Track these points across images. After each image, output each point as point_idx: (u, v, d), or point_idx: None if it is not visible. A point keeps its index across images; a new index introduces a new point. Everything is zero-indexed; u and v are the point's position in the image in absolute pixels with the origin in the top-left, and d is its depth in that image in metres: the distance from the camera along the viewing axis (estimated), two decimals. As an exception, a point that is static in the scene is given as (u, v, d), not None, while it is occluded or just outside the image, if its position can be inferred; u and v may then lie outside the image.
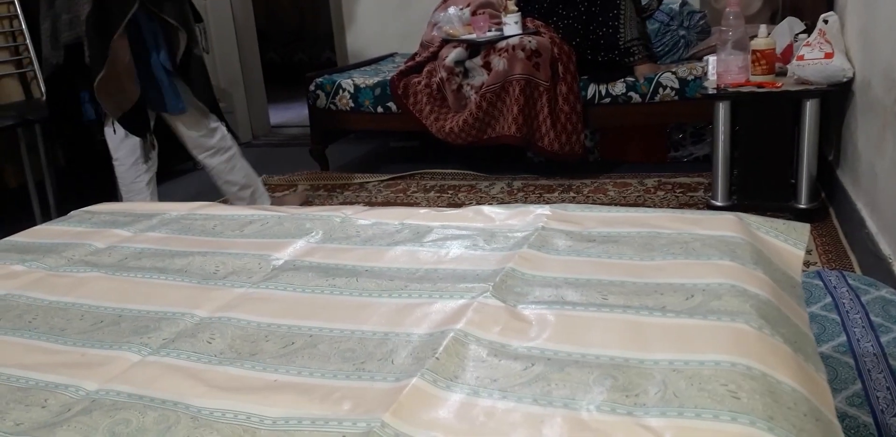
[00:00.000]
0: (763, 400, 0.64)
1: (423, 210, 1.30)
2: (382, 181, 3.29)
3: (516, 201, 2.88)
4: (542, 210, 1.21)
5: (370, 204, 2.92)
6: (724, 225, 1.06)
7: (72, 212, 1.44)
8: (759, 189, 2.45)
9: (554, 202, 2.62)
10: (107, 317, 0.97)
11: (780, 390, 0.67)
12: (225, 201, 2.68)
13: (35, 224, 1.52)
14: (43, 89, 3.07)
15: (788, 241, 1.05)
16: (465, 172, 3.33)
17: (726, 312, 0.80)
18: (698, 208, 2.49)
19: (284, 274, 1.05)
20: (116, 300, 1.01)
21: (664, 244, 1.02)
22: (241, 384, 0.78)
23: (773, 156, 2.42)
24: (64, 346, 0.90)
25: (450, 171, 3.36)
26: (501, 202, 2.86)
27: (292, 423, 0.70)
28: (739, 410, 0.63)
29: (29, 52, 3.07)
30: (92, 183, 3.12)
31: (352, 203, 2.95)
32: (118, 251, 1.20)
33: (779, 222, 1.09)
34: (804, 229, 1.08)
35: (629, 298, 0.87)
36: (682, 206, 2.67)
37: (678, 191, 2.83)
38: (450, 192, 3.08)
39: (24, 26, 3.07)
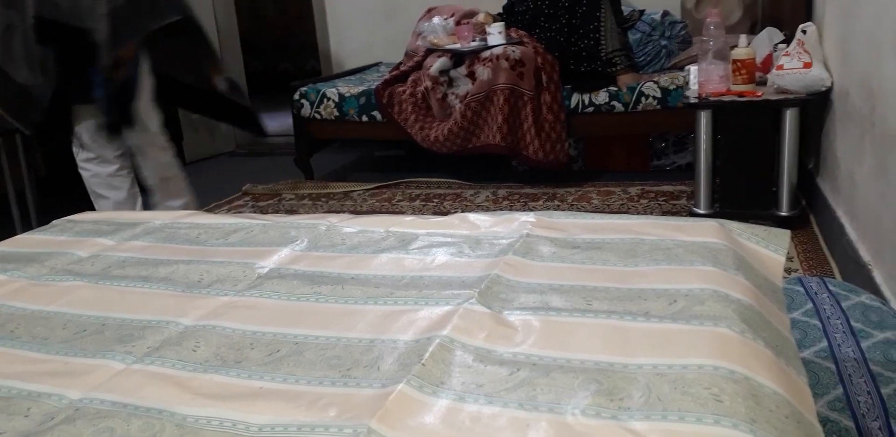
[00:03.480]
0: (745, 403, 0.65)
1: (408, 218, 1.30)
2: (367, 190, 3.29)
3: (501, 210, 2.89)
4: (527, 217, 1.22)
5: (355, 213, 2.92)
6: (706, 231, 1.07)
7: (54, 221, 1.42)
8: (741, 197, 2.48)
9: (538, 210, 2.63)
10: (90, 326, 0.96)
11: (762, 393, 0.68)
12: (210, 210, 2.67)
13: (15, 233, 1.51)
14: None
15: (769, 247, 1.07)
16: (450, 180, 3.34)
17: (709, 317, 0.81)
18: (681, 216, 2.52)
19: (269, 282, 1.05)
20: (100, 309, 1.01)
21: (647, 251, 1.03)
22: (226, 392, 0.78)
23: (754, 164, 2.45)
24: (47, 355, 0.89)
25: (435, 180, 3.37)
26: (486, 211, 2.87)
27: (278, 430, 0.70)
28: (722, 413, 0.64)
29: (10, 60, 3.05)
30: (73, 192, 3.10)
31: (337, 212, 2.95)
32: (101, 260, 1.19)
33: (759, 229, 1.11)
34: (784, 235, 1.10)
35: (613, 303, 0.88)
36: (665, 214, 2.69)
37: (661, 199, 2.86)
38: (435, 200, 3.08)
39: (5, 35, 3.05)
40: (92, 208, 2.50)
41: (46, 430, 0.72)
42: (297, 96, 3.48)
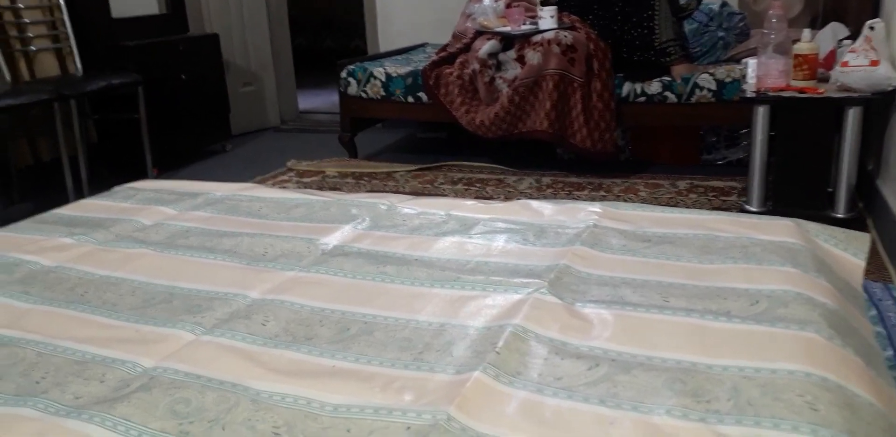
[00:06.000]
0: (842, 413, 0.63)
1: (468, 202, 1.28)
2: (410, 171, 3.28)
3: (545, 198, 2.85)
4: (593, 207, 1.19)
5: (398, 194, 2.91)
6: (782, 231, 1.04)
7: (115, 187, 1.43)
8: (795, 196, 2.41)
9: (583, 200, 2.59)
10: (158, 294, 0.96)
11: (857, 403, 0.65)
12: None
13: (68, 199, 1.52)
14: (79, 65, 3.08)
15: (849, 250, 1.03)
16: (494, 165, 3.31)
17: (794, 320, 0.79)
18: (732, 212, 2.46)
19: (334, 259, 1.04)
20: (166, 278, 1.01)
21: (722, 248, 1.00)
22: (299, 369, 0.77)
23: (811, 163, 2.38)
24: (117, 321, 0.89)
25: (478, 164, 3.34)
26: (530, 198, 2.84)
27: (354, 411, 0.69)
28: (819, 423, 0.61)
29: (65, 27, 3.08)
30: (122, 158, 3.14)
31: (379, 192, 2.94)
32: (165, 229, 1.19)
33: (838, 231, 1.07)
34: (864, 238, 1.06)
35: (691, 301, 0.86)
36: (715, 210, 2.63)
37: (711, 194, 2.80)
38: (477, 185, 3.06)
39: (61, 0, 3.07)
40: (144, 174, 2.51)
41: (123, 397, 0.72)
42: (344, 74, 3.46)
